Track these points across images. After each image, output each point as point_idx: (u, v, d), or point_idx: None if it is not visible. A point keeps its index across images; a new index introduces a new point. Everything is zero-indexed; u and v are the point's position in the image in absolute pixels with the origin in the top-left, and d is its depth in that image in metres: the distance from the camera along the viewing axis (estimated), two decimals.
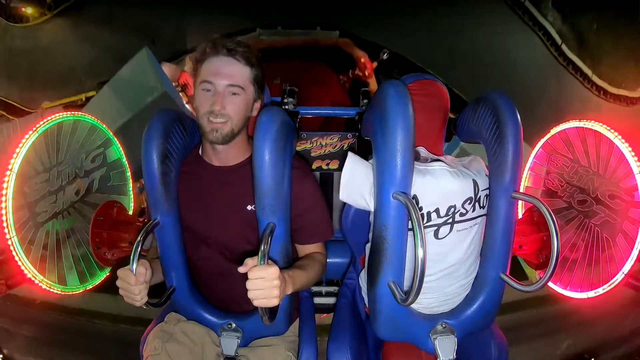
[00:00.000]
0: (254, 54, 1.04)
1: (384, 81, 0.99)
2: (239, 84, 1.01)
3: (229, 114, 1.01)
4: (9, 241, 1.12)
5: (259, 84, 1.07)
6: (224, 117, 1.01)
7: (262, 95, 1.10)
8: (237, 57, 1.01)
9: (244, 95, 1.03)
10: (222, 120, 1.01)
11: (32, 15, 6.23)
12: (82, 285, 1.33)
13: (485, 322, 1.10)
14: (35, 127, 1.19)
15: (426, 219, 1.01)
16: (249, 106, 1.06)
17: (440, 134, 1.18)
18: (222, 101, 1.00)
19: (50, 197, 1.24)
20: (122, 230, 1.36)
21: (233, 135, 1.04)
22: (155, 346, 1.04)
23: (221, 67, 1.01)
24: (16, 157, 1.13)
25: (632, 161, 1.16)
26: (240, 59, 1.02)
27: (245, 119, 1.06)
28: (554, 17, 5.88)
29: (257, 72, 1.05)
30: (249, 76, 1.03)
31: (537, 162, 1.50)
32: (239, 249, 1.09)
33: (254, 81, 1.05)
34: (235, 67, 1.01)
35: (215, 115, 1.00)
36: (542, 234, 1.25)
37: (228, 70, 1.01)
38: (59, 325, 2.33)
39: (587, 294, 1.25)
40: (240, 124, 1.05)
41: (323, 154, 1.68)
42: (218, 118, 1.00)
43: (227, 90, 1.01)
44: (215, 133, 1.01)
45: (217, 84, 1.00)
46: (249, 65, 1.03)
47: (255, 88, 1.06)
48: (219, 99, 1.00)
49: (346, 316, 1.21)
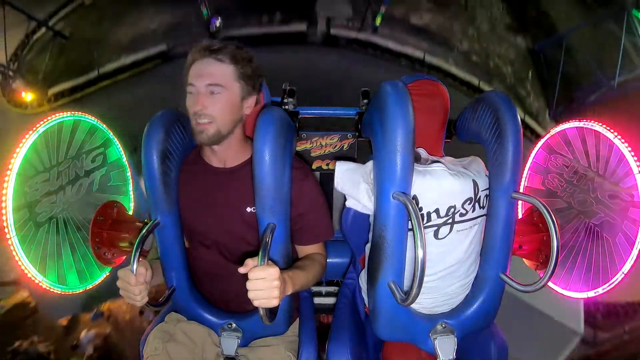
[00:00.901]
0: (241, 51, 1.03)
1: (384, 81, 0.99)
2: (219, 82, 0.99)
3: (212, 114, 1.00)
4: (9, 241, 1.12)
5: (249, 80, 1.04)
6: (207, 118, 0.99)
7: (256, 92, 1.08)
8: (219, 57, 1.00)
9: (226, 93, 1.01)
10: (206, 120, 1.00)
11: (31, 104, 6.19)
12: (82, 285, 1.33)
13: (485, 322, 1.10)
14: (35, 127, 1.19)
15: (426, 219, 1.01)
16: (236, 104, 1.03)
17: (440, 134, 1.18)
18: (202, 101, 0.99)
19: (50, 197, 1.24)
20: (122, 230, 1.36)
21: (221, 136, 1.02)
22: (156, 346, 1.04)
23: (203, 68, 1.00)
24: (16, 157, 1.13)
25: (632, 161, 1.15)
26: (224, 58, 1.00)
27: (234, 118, 1.04)
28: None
29: (244, 69, 1.03)
30: (232, 74, 1.01)
31: (537, 162, 1.50)
32: (238, 249, 1.09)
33: (240, 78, 1.02)
34: (217, 66, 1.00)
35: (198, 115, 0.99)
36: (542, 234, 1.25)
37: (208, 70, 1.00)
38: None
39: (587, 294, 1.25)
40: (227, 124, 1.02)
41: (323, 154, 1.67)
42: (202, 119, 0.99)
43: (207, 90, 1.00)
44: (201, 134, 1.01)
45: (198, 85, 1.00)
46: (233, 63, 1.01)
47: (243, 85, 1.03)
48: (199, 99, 0.99)
49: (346, 316, 1.21)
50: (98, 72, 7.43)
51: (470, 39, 8.66)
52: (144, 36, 8.20)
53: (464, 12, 9.13)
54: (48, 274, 1.22)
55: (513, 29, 9.14)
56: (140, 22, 8.50)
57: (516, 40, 8.98)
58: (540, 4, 9.78)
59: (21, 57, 7.91)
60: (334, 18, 8.27)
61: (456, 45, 8.39)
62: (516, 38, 9.02)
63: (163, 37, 8.03)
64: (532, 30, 9.24)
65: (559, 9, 10.09)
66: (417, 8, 9.08)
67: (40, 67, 7.77)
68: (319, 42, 7.94)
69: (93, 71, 7.39)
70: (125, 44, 8.11)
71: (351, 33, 8.16)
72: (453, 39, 8.50)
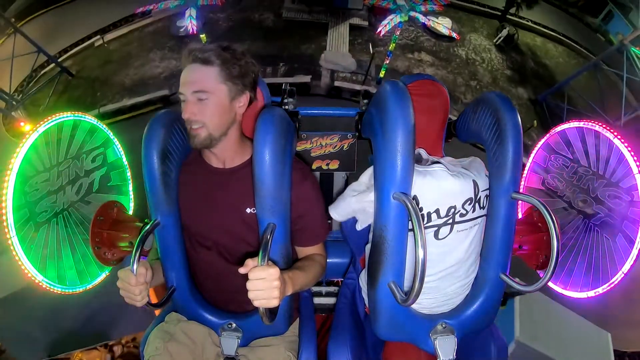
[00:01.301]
0: (226, 51, 1.01)
1: (384, 81, 0.99)
2: (204, 88, 0.99)
3: (202, 119, 1.00)
4: (9, 241, 1.12)
5: (237, 80, 1.02)
6: (198, 124, 1.00)
7: (248, 90, 1.06)
8: (202, 62, 1.00)
9: (212, 97, 1.00)
10: (197, 126, 1.00)
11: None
12: (82, 285, 1.34)
13: (485, 322, 1.10)
14: (36, 127, 1.19)
15: (426, 219, 1.01)
16: (225, 106, 1.02)
17: (440, 135, 1.18)
18: (191, 109, 1.00)
19: (50, 197, 1.25)
20: (122, 230, 1.36)
21: (213, 139, 1.02)
22: (157, 346, 1.04)
23: (188, 75, 1.00)
24: (16, 157, 1.13)
25: (632, 161, 1.16)
26: (207, 61, 0.99)
27: (226, 120, 1.03)
28: None
29: (231, 68, 1.01)
30: (217, 77, 1.00)
31: (537, 162, 1.50)
32: (238, 249, 1.09)
33: (228, 79, 1.01)
34: (200, 72, 1.00)
35: (189, 122, 1.00)
36: (542, 234, 1.25)
37: (193, 76, 1.00)
38: None
39: (587, 294, 1.25)
40: (219, 126, 1.02)
41: (323, 154, 1.67)
42: (194, 125, 1.00)
43: (194, 97, 1.00)
44: (194, 139, 1.02)
45: (186, 93, 1.00)
46: (218, 65, 1.00)
47: (231, 86, 1.02)
48: (187, 107, 1.00)
49: (346, 316, 1.21)
50: (99, 111, 7.60)
51: (473, 91, 8.77)
52: (148, 80, 8.38)
53: (466, 66, 9.35)
54: (48, 273, 1.22)
55: (514, 82, 9.34)
56: (145, 66, 8.71)
57: (517, 92, 9.16)
58: (537, 56, 10.04)
59: (26, 88, 8.10)
60: (338, 71, 8.35)
61: (460, 97, 8.51)
62: (517, 89, 9.20)
63: (166, 81, 8.22)
64: (532, 82, 9.48)
65: (557, 60, 10.23)
66: (420, 62, 9.16)
67: (43, 101, 7.97)
68: (323, 93, 8.07)
69: (94, 109, 7.57)
70: (128, 86, 8.30)
71: (355, 85, 8.31)
72: (456, 91, 8.64)
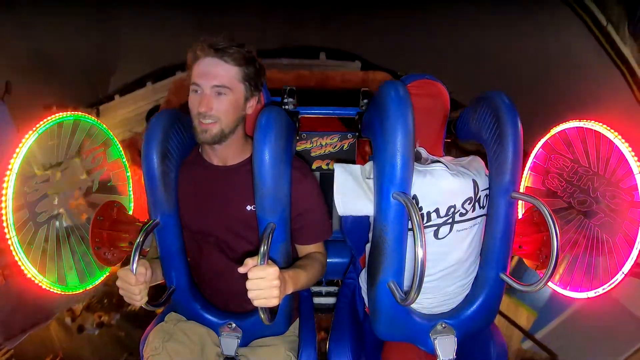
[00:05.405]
0: (245, 52, 1.03)
1: (384, 81, 0.99)
2: (225, 84, 1.01)
3: (217, 115, 1.01)
4: (9, 241, 1.12)
5: (252, 81, 1.06)
6: (212, 118, 1.01)
7: (258, 93, 1.10)
8: (224, 58, 1.01)
9: (231, 95, 1.02)
10: (210, 121, 1.01)
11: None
12: (82, 285, 1.33)
13: (485, 322, 1.10)
14: (35, 127, 1.19)
15: (426, 219, 1.01)
16: (239, 105, 1.05)
17: (440, 134, 1.18)
18: (208, 102, 1.00)
19: (50, 197, 1.24)
20: (122, 230, 1.36)
21: (223, 135, 1.04)
22: (156, 346, 1.04)
23: (208, 68, 1.01)
24: (16, 157, 1.13)
25: (632, 161, 1.15)
26: (228, 60, 1.01)
27: (237, 118, 1.06)
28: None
29: (248, 70, 1.04)
30: (237, 75, 1.03)
31: (537, 162, 1.49)
32: (238, 248, 1.09)
33: (245, 79, 1.04)
34: (222, 67, 1.01)
35: (203, 116, 1.01)
36: (542, 234, 1.25)
37: (214, 71, 1.01)
38: None
39: (587, 294, 1.25)
40: (230, 123, 1.04)
41: (323, 154, 1.67)
42: (207, 119, 1.01)
43: (213, 91, 1.01)
44: (204, 134, 1.02)
45: (204, 86, 1.00)
46: (238, 64, 1.02)
47: (247, 86, 1.05)
48: (204, 100, 1.00)
49: (346, 316, 1.21)
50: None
51: None
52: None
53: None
54: (48, 274, 1.22)
55: None
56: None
57: None
58: None
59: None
60: None
61: None
62: None
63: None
64: None
65: None
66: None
67: None
68: None
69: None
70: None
71: None
72: None
